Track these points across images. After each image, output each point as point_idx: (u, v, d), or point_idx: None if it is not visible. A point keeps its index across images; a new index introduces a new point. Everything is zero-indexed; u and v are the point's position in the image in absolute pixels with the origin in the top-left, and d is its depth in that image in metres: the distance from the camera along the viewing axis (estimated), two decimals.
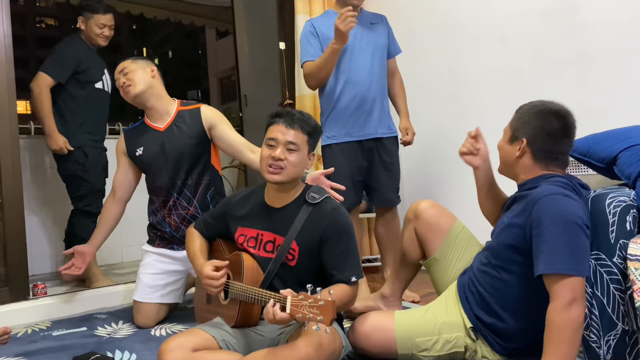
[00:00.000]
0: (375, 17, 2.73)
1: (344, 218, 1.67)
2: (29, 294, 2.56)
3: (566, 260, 1.36)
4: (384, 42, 2.68)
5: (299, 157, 1.64)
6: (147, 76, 2.24)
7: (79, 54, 2.93)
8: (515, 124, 1.60)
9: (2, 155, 2.50)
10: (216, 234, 1.90)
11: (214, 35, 7.76)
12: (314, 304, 1.32)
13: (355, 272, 1.62)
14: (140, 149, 2.27)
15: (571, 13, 2.55)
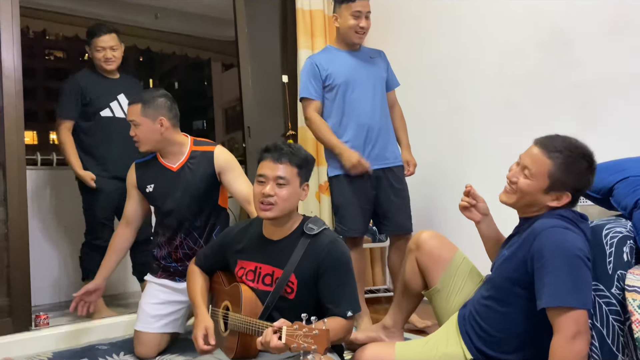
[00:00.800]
0: (374, 52, 2.81)
1: (341, 251, 1.67)
2: (32, 324, 2.56)
3: (569, 293, 1.36)
4: (383, 74, 2.76)
5: (289, 191, 1.64)
6: (154, 134, 2.21)
7: (79, 87, 2.90)
8: (559, 176, 1.50)
9: (9, 185, 2.54)
10: (216, 268, 1.93)
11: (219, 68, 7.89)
12: (308, 333, 1.32)
13: (352, 307, 1.61)
14: (151, 186, 2.28)
15: (566, 46, 2.61)
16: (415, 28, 3.36)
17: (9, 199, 2.54)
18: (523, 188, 1.56)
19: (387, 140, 2.70)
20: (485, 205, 1.81)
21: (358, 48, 2.74)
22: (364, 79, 2.68)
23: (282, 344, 1.36)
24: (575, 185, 1.52)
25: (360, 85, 2.67)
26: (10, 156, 2.54)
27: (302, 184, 1.70)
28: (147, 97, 2.24)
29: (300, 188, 1.69)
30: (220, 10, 4.10)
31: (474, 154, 3.00)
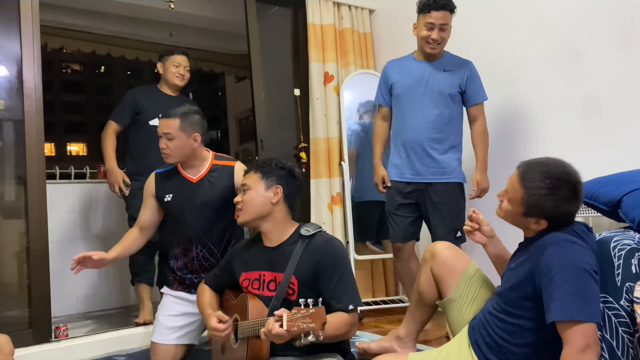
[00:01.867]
0: (456, 63, 2.70)
1: (337, 248, 1.76)
2: (52, 336, 2.62)
3: (577, 306, 1.38)
4: (451, 90, 2.65)
5: (250, 195, 1.82)
6: (187, 148, 2.26)
7: (135, 98, 3.05)
8: (530, 204, 1.53)
9: (30, 198, 2.61)
10: (225, 285, 2.00)
11: (232, 79, 7.98)
12: (306, 314, 1.40)
13: (352, 301, 1.68)
14: (170, 196, 2.32)
15: (575, 58, 2.63)
16: None
17: (30, 212, 2.61)
18: (505, 210, 1.62)
19: (436, 158, 2.64)
20: (489, 228, 1.84)
21: (437, 58, 2.70)
22: (421, 92, 2.67)
23: (284, 331, 1.42)
24: (550, 214, 1.52)
25: (419, 97, 2.68)
26: (31, 171, 2.62)
27: (269, 187, 1.83)
28: (185, 112, 2.30)
29: (266, 191, 1.82)
30: (233, 25, 4.17)
31: None
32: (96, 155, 8.51)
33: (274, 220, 1.82)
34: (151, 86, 3.18)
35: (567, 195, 1.52)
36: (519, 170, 1.59)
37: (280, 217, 1.83)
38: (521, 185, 1.55)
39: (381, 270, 3.54)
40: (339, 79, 3.57)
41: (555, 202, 1.51)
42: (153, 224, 2.42)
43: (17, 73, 2.67)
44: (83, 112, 21.53)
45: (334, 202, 3.46)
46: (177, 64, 3.09)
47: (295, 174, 1.89)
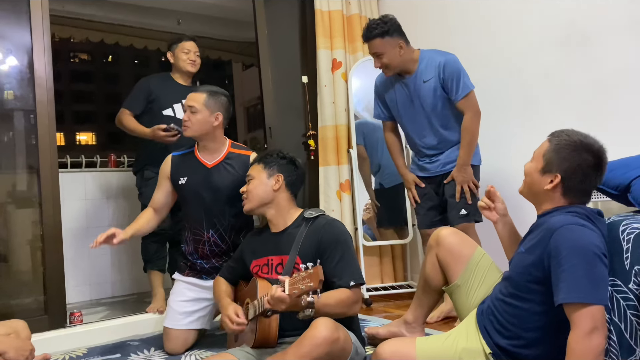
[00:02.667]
0: (431, 69, 2.64)
1: (338, 228, 1.84)
2: (67, 321, 2.68)
3: (585, 289, 1.39)
4: (437, 100, 2.64)
5: (253, 183, 1.95)
6: (207, 125, 2.30)
7: (149, 86, 3.04)
8: (551, 157, 1.57)
9: (43, 187, 2.65)
10: (239, 276, 2.06)
11: (240, 67, 7.97)
12: (305, 276, 1.47)
13: (354, 277, 1.73)
14: (184, 179, 2.35)
15: (584, 43, 2.61)
16: (433, 28, 3.38)
17: (43, 201, 2.65)
18: (525, 170, 1.65)
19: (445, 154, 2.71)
20: (503, 206, 1.84)
21: (412, 71, 2.67)
22: (412, 110, 2.72)
23: (285, 295, 1.49)
24: (565, 168, 1.55)
25: (410, 116, 2.74)
26: (44, 160, 2.65)
27: (271, 176, 1.95)
28: (214, 91, 2.36)
29: (268, 179, 1.94)
30: (240, 12, 4.16)
31: (492, 153, 3.01)
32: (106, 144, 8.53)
33: (278, 207, 1.92)
34: (164, 74, 3.15)
35: (589, 159, 1.54)
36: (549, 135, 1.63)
37: (283, 204, 1.93)
38: (548, 141, 1.61)
39: (390, 256, 3.55)
40: (347, 65, 3.57)
41: (575, 159, 1.54)
42: (166, 206, 2.45)
43: (28, 63, 2.70)
44: (91, 101, 21.66)
45: (342, 190, 3.47)
46: (186, 50, 3.08)
47: (295, 163, 1.99)
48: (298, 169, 2.00)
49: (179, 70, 3.10)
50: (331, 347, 1.54)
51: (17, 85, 2.81)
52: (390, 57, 2.62)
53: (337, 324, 1.62)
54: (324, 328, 1.54)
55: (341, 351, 1.60)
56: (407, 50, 2.65)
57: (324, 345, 1.52)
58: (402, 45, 2.63)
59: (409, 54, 2.66)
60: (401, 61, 2.64)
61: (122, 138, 3.89)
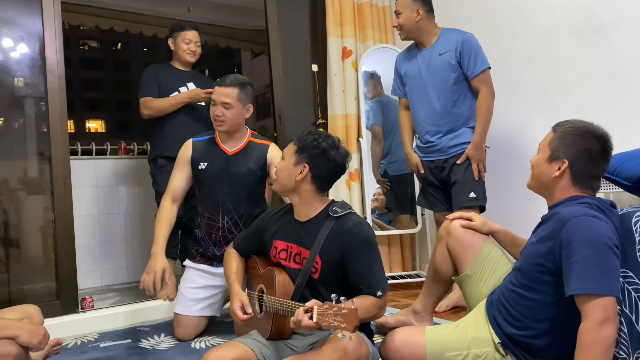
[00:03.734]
0: (448, 42, 2.66)
1: (366, 232, 1.74)
2: (78, 307, 2.71)
3: (597, 280, 1.39)
4: (450, 73, 2.64)
5: (282, 165, 1.84)
6: (240, 118, 2.34)
7: (155, 73, 3.04)
8: (557, 144, 1.59)
9: (55, 174, 2.67)
10: (253, 250, 2.01)
11: (249, 56, 7.94)
12: (338, 312, 1.40)
13: (381, 286, 1.68)
14: (204, 164, 2.37)
15: (598, 31, 2.58)
16: (445, 14, 3.35)
17: (55, 188, 2.68)
18: (532, 162, 1.66)
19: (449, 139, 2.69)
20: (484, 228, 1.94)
21: (431, 42, 2.70)
22: (422, 84, 2.72)
23: (313, 323, 1.43)
24: (571, 153, 1.55)
25: (418, 90, 2.75)
26: (55, 147, 2.67)
27: (298, 163, 1.79)
28: (243, 82, 2.36)
29: (294, 166, 1.80)
30: (250, 0, 4.14)
31: (504, 141, 2.99)
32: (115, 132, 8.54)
33: (301, 197, 1.80)
34: (165, 64, 3.16)
35: (594, 143, 1.54)
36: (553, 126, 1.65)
37: (307, 195, 1.80)
38: (553, 131, 1.62)
39: (399, 246, 3.56)
40: (357, 54, 3.55)
41: (581, 143, 1.55)
42: (183, 193, 2.44)
43: (40, 50, 2.71)
44: (101, 89, 21.71)
45: (351, 179, 3.47)
46: (187, 41, 3.07)
47: (329, 156, 1.77)
48: (329, 162, 1.77)
49: (179, 58, 3.10)
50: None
51: (29, 72, 2.82)
52: (405, 18, 2.69)
53: (361, 337, 1.60)
54: (350, 344, 1.51)
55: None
56: (425, 20, 2.69)
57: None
58: (421, 12, 2.67)
59: (427, 24, 2.70)
60: (416, 27, 2.69)
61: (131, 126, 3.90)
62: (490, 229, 1.96)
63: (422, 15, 2.67)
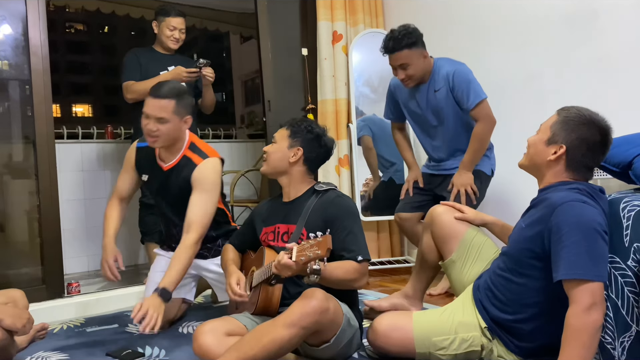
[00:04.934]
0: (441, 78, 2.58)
1: (347, 203, 1.84)
2: (64, 292, 2.69)
3: (585, 266, 1.39)
4: (448, 108, 2.60)
5: (274, 147, 1.92)
6: (177, 132, 2.16)
7: (136, 56, 2.99)
8: (558, 128, 1.58)
9: (39, 158, 2.63)
10: (248, 244, 2.06)
11: (238, 40, 7.85)
12: (313, 243, 1.50)
13: (362, 252, 1.73)
14: (146, 177, 2.32)
15: (591, 17, 2.57)
16: (436, 1, 3.33)
17: (40, 172, 2.63)
18: (530, 141, 1.65)
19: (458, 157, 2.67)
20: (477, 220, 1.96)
21: (425, 80, 2.63)
22: (424, 120, 2.69)
23: (292, 262, 1.51)
24: (571, 139, 1.55)
25: (421, 125, 2.74)
26: (40, 130, 2.63)
27: (292, 147, 1.90)
28: (180, 92, 2.14)
29: (288, 149, 1.90)
30: None
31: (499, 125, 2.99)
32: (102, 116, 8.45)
33: (291, 177, 1.92)
34: (147, 48, 3.12)
35: (596, 135, 1.54)
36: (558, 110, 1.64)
37: (297, 176, 1.92)
38: (557, 114, 1.62)
39: (387, 232, 3.56)
40: (347, 38, 3.52)
41: (583, 132, 1.54)
42: (131, 194, 2.41)
43: (23, 30, 2.65)
44: (88, 73, 21.41)
45: (341, 164, 3.46)
46: (172, 27, 3.01)
47: (321, 141, 1.93)
48: (322, 147, 1.93)
49: (161, 43, 3.05)
50: (320, 317, 1.55)
51: (12, 53, 2.77)
52: (416, 68, 2.56)
53: (328, 294, 1.62)
54: (314, 298, 1.55)
55: (330, 322, 1.60)
56: (428, 60, 2.60)
57: (313, 315, 1.53)
58: (426, 55, 2.58)
59: (429, 63, 2.61)
60: (422, 73, 2.60)
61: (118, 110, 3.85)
62: (483, 220, 1.98)
63: (427, 57, 2.59)
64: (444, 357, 1.68)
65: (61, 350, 2.08)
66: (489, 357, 1.68)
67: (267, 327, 1.56)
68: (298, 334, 1.52)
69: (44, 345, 2.11)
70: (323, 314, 1.55)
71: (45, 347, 2.10)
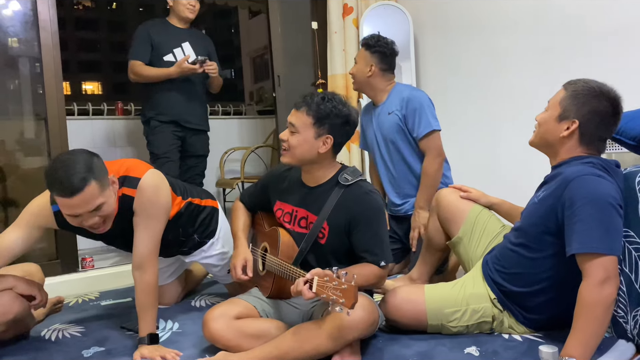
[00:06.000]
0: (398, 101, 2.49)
1: (376, 202, 1.69)
2: (79, 266, 2.73)
3: (600, 239, 1.38)
4: (396, 136, 2.49)
5: (298, 139, 1.67)
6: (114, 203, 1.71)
7: (147, 32, 2.93)
8: (568, 103, 1.55)
9: (51, 135, 2.64)
10: (259, 206, 2.00)
11: (246, 15, 7.77)
12: (337, 287, 1.38)
13: (385, 257, 1.66)
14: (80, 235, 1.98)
15: None
16: None
17: (52, 149, 2.65)
18: (539, 120, 1.62)
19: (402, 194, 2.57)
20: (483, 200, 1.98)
21: (382, 100, 2.55)
22: (377, 145, 2.61)
23: (313, 294, 1.42)
24: (583, 113, 1.52)
25: (374, 151, 2.65)
26: (51, 107, 2.63)
27: (320, 136, 1.67)
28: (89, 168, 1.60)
29: (315, 139, 1.67)
30: None
31: (508, 102, 2.95)
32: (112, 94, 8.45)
33: (317, 165, 1.73)
34: (161, 20, 3.05)
35: (607, 105, 1.52)
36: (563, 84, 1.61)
37: (324, 164, 1.74)
38: (563, 88, 1.59)
39: None
40: (358, 11, 3.46)
41: (594, 104, 1.52)
42: None
43: (32, 6, 2.64)
44: (97, 50, 21.39)
45: (351, 140, 3.43)
46: None
47: (350, 121, 1.70)
48: (351, 127, 1.72)
49: (177, 15, 3.00)
50: (367, 330, 1.55)
51: (22, 29, 2.76)
52: (358, 70, 2.55)
53: (373, 303, 1.60)
54: (363, 313, 1.51)
55: (373, 331, 1.61)
56: (377, 77, 2.52)
57: (361, 330, 1.52)
58: (373, 69, 2.50)
59: (379, 82, 2.53)
60: (366, 82, 2.54)
61: (128, 87, 3.84)
62: (489, 200, 1.98)
63: (374, 72, 2.51)
64: (456, 328, 1.69)
65: (77, 322, 2.11)
66: (499, 328, 1.69)
67: (309, 334, 1.52)
68: (342, 344, 1.52)
69: (60, 318, 2.15)
70: (370, 327, 1.55)
71: (61, 320, 2.14)
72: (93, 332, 1.99)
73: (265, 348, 1.54)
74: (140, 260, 1.78)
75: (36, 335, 1.97)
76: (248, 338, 1.61)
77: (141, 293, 1.77)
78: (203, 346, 1.75)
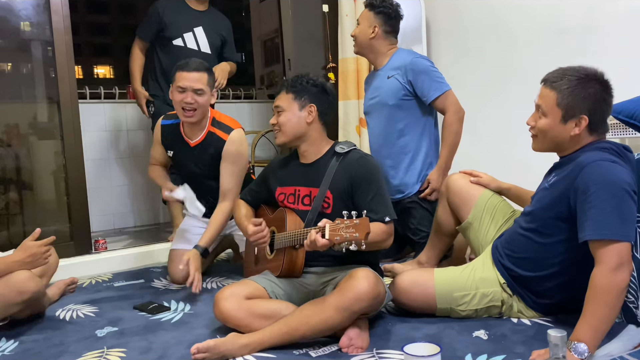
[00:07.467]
0: (398, 66, 2.45)
1: (372, 164, 1.78)
2: (92, 248, 2.77)
3: (613, 226, 1.37)
4: (395, 100, 2.44)
5: (286, 116, 1.82)
6: (207, 105, 2.25)
7: (158, 12, 2.93)
8: (567, 102, 1.50)
9: (64, 118, 2.66)
10: (261, 200, 2.04)
11: None
12: (350, 225, 1.43)
13: (389, 213, 1.70)
14: (171, 152, 2.39)
15: None
16: None
17: (65, 132, 2.67)
18: (541, 128, 1.57)
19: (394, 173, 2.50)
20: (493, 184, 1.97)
21: (383, 63, 2.52)
22: (374, 108, 2.55)
23: (327, 241, 1.46)
24: (588, 106, 1.50)
25: (371, 115, 2.59)
26: (64, 90, 2.65)
27: (304, 107, 1.81)
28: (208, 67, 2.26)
29: (300, 111, 1.81)
30: None
31: (522, 85, 2.92)
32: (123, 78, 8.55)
33: (311, 139, 1.84)
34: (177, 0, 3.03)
35: (597, 88, 1.50)
36: (542, 83, 1.58)
37: (316, 135, 1.84)
38: (550, 89, 1.54)
39: None
40: None
41: (589, 93, 1.49)
42: (166, 160, 2.48)
43: None
44: (108, 34, 21.41)
45: (362, 125, 3.42)
46: None
47: (327, 90, 1.86)
48: (329, 95, 1.86)
49: None
50: (372, 302, 1.56)
51: (34, 12, 2.77)
52: (360, 31, 2.52)
53: (378, 277, 1.61)
54: (367, 283, 1.53)
55: (379, 304, 1.62)
56: (380, 39, 2.49)
57: (366, 300, 1.53)
58: (377, 30, 2.47)
59: (381, 44, 2.50)
60: (367, 45, 2.51)
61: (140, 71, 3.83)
62: (499, 186, 1.97)
63: (377, 34, 2.47)
64: (465, 312, 1.70)
65: (91, 303, 2.15)
66: (509, 312, 1.70)
67: (316, 307, 1.55)
68: (349, 317, 1.54)
69: (74, 299, 2.19)
70: (375, 299, 1.56)
71: (75, 300, 2.17)
72: (106, 313, 2.02)
73: (274, 326, 1.56)
74: (225, 191, 2.29)
75: (51, 315, 2.01)
76: (258, 318, 1.63)
77: (216, 213, 2.28)
78: (214, 327, 1.77)
